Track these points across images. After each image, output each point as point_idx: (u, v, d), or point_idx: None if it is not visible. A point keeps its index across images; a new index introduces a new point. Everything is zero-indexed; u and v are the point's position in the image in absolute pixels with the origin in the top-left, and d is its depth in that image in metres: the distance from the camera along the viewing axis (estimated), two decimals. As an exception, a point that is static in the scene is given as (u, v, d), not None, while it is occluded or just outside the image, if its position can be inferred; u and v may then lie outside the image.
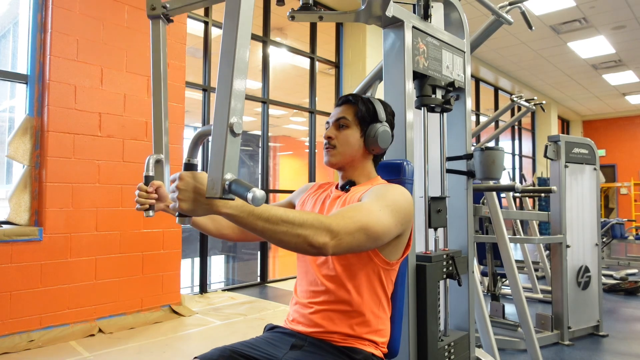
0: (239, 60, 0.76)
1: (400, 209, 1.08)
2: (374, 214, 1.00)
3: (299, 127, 9.27)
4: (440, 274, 1.59)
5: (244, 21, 0.77)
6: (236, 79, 0.75)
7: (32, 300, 2.94)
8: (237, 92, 0.76)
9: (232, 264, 6.94)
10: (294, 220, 0.85)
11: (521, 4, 2.25)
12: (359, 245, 0.97)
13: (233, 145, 0.75)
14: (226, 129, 0.74)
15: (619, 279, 5.09)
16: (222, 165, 0.73)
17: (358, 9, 1.53)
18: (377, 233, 0.99)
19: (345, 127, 1.24)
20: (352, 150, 1.24)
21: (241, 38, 0.76)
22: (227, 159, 0.74)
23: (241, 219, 0.81)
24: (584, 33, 6.92)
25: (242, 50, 0.76)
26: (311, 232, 0.86)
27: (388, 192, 1.11)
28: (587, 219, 3.35)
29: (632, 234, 7.14)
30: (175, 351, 2.82)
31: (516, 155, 11.08)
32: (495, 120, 5.48)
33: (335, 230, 0.89)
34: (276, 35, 5.96)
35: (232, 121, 0.74)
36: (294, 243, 0.86)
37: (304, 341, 1.14)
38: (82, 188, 3.20)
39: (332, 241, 0.89)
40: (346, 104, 1.27)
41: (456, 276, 1.63)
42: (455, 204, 1.93)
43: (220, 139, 0.74)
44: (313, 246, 0.87)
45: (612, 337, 3.22)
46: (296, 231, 0.85)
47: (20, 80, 3.12)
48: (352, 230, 0.93)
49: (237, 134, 0.75)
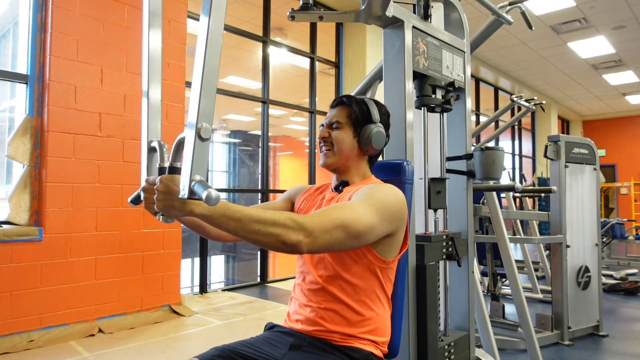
0: (208, 68, 0.79)
1: (388, 207, 1.09)
2: (355, 211, 1.01)
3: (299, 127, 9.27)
4: (439, 254, 1.60)
5: (215, 27, 0.79)
6: (205, 86, 0.79)
7: (32, 300, 2.94)
8: (206, 98, 0.79)
9: (232, 264, 6.94)
10: (266, 220, 0.89)
11: (521, 4, 2.25)
12: (338, 242, 0.98)
13: (201, 149, 0.79)
14: (194, 134, 0.78)
15: (619, 279, 5.09)
16: (190, 168, 0.78)
17: (358, 9, 1.53)
18: (358, 230, 1.00)
19: (339, 128, 1.25)
20: (347, 151, 1.25)
21: (211, 47, 0.79)
22: (195, 161, 0.78)
23: (214, 219, 0.85)
24: (584, 33, 6.92)
25: (211, 58, 0.79)
26: (283, 230, 0.90)
27: (377, 190, 1.11)
28: (587, 219, 3.35)
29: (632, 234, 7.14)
30: (175, 351, 2.82)
31: (516, 155, 11.08)
32: (495, 120, 5.48)
33: (309, 229, 0.92)
34: (276, 35, 5.97)
35: (200, 126, 0.78)
36: (267, 242, 0.90)
37: (303, 341, 1.14)
38: (82, 188, 3.20)
39: (306, 239, 0.92)
40: (340, 106, 1.28)
41: (456, 257, 1.64)
42: (456, 204, 1.93)
43: (190, 143, 0.79)
44: (286, 244, 0.90)
45: (612, 337, 3.22)
46: (268, 230, 0.89)
47: (20, 80, 3.12)
48: (328, 227, 0.95)
49: (205, 138, 0.79)
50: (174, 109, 3.74)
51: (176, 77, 3.79)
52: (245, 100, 5.37)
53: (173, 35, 3.75)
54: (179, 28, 3.81)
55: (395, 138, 1.58)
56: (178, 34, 3.79)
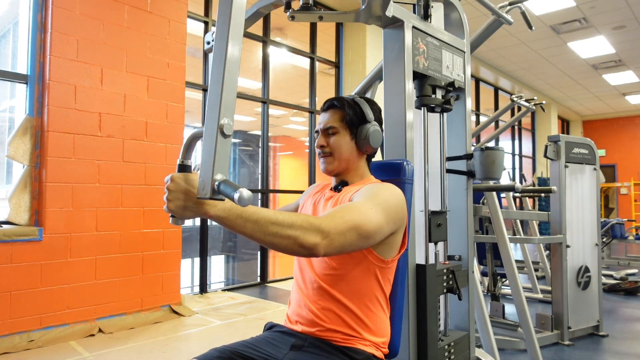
0: (230, 61, 0.75)
1: (392, 207, 1.09)
2: (364, 213, 1.01)
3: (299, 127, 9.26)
4: (440, 289, 1.59)
5: (236, 21, 0.76)
6: (227, 80, 0.75)
7: (32, 300, 2.94)
8: (228, 93, 0.76)
9: (232, 264, 6.94)
10: (283, 222, 0.85)
11: (521, 4, 2.25)
12: (351, 244, 0.98)
13: (223, 147, 0.75)
14: (217, 131, 0.74)
15: (619, 279, 5.09)
16: (212, 166, 0.74)
17: (358, 9, 1.53)
18: (369, 232, 1.00)
19: (335, 133, 1.25)
20: (346, 154, 1.25)
21: (233, 38, 0.76)
22: (218, 159, 0.74)
23: (230, 221, 0.82)
24: (584, 33, 6.92)
25: (233, 50, 0.76)
26: (300, 232, 0.87)
27: (379, 190, 1.11)
28: (587, 219, 3.35)
29: (632, 234, 7.14)
30: (175, 351, 2.82)
31: (516, 155, 11.08)
32: (495, 120, 5.48)
33: (325, 230, 0.90)
34: (276, 35, 5.96)
35: (223, 122, 0.74)
36: (285, 244, 0.86)
37: (304, 341, 1.14)
38: (82, 188, 3.20)
39: (323, 241, 0.90)
40: (332, 109, 1.28)
41: (456, 290, 1.63)
42: (455, 204, 1.93)
43: (211, 140, 0.75)
44: (303, 247, 0.87)
45: (612, 337, 3.22)
46: (286, 232, 0.85)
47: (20, 80, 3.12)
48: (343, 230, 0.94)
49: (228, 135, 0.75)
50: (174, 108, 3.74)
51: (176, 77, 3.79)
52: (245, 100, 5.37)
53: (173, 35, 3.75)
54: (179, 28, 3.81)
55: (395, 138, 1.58)
56: (178, 34, 3.79)
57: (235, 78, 0.76)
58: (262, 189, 5.31)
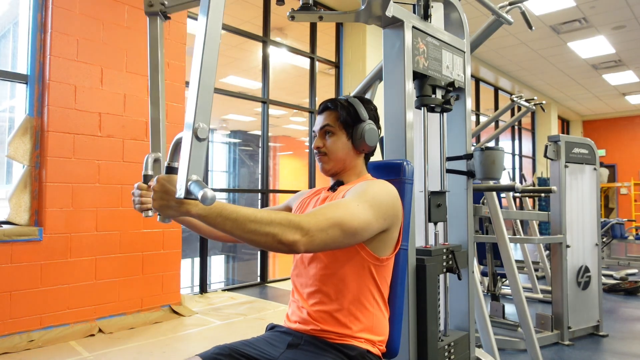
0: (205, 68, 0.80)
1: (382, 203, 1.09)
2: (350, 209, 1.02)
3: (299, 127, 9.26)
4: (440, 268, 1.60)
5: (212, 35, 0.81)
6: (202, 85, 0.79)
7: (32, 300, 2.94)
8: (203, 98, 0.79)
9: (232, 264, 6.94)
10: (262, 220, 0.88)
11: (521, 4, 2.25)
12: (335, 241, 0.98)
13: (198, 149, 0.79)
14: (191, 134, 0.78)
15: (619, 279, 5.09)
16: (187, 168, 0.78)
17: (358, 9, 1.53)
18: (354, 228, 1.01)
19: (331, 133, 1.27)
20: (343, 154, 1.26)
21: (208, 48, 0.80)
22: (192, 162, 0.78)
23: (211, 219, 0.85)
24: (584, 33, 6.92)
25: (208, 58, 0.80)
26: (279, 230, 0.89)
27: (369, 187, 1.12)
28: (587, 219, 3.35)
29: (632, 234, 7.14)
30: (175, 351, 2.82)
31: (516, 155, 11.08)
32: (495, 120, 5.48)
33: (305, 227, 0.92)
34: (276, 35, 5.96)
35: (197, 126, 0.78)
36: (264, 241, 0.89)
37: (300, 339, 1.15)
38: (82, 188, 3.20)
39: (303, 238, 0.92)
40: (327, 111, 1.29)
41: (456, 270, 1.64)
42: (456, 204, 1.93)
43: (187, 143, 0.79)
44: (283, 243, 0.90)
45: (612, 337, 3.22)
46: (264, 230, 0.88)
47: (20, 80, 3.12)
48: (324, 226, 0.95)
49: (202, 138, 0.79)
50: (174, 108, 3.74)
51: (176, 77, 3.79)
52: (245, 100, 5.37)
53: (173, 35, 3.75)
54: (179, 28, 3.81)
55: (395, 138, 1.58)
56: (178, 34, 3.79)
57: (211, 83, 0.80)
58: (262, 189, 5.31)
